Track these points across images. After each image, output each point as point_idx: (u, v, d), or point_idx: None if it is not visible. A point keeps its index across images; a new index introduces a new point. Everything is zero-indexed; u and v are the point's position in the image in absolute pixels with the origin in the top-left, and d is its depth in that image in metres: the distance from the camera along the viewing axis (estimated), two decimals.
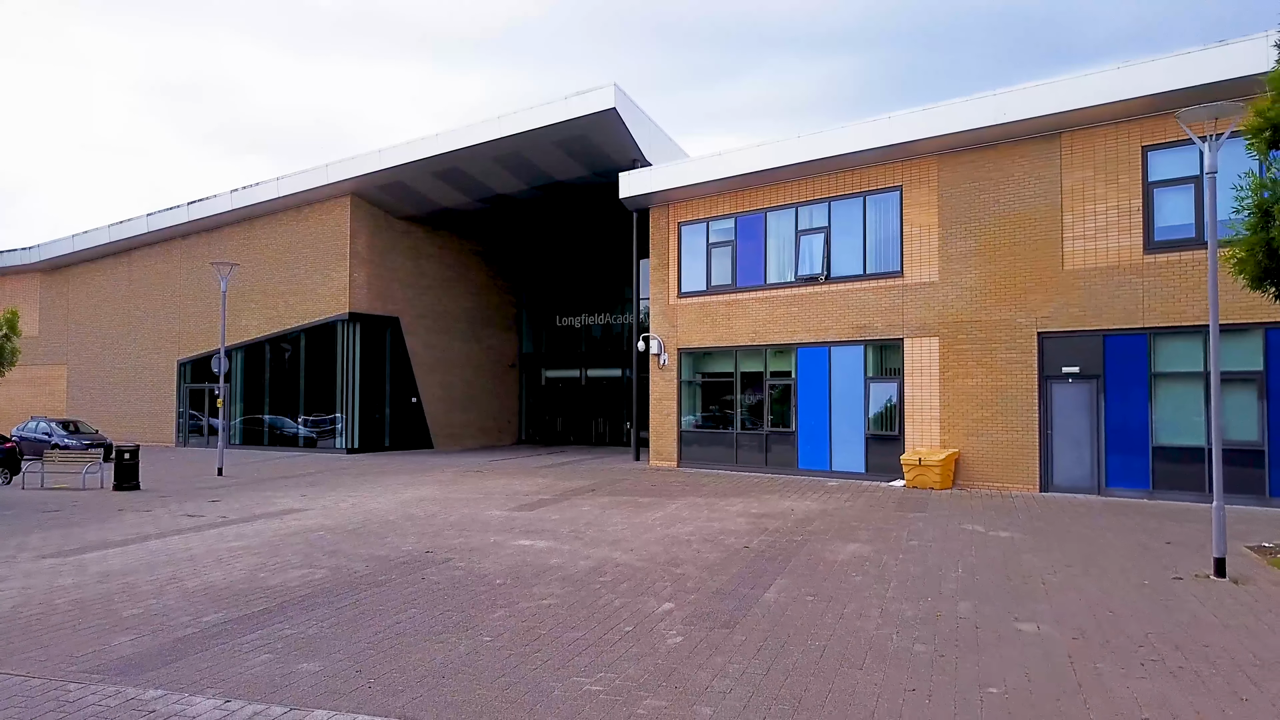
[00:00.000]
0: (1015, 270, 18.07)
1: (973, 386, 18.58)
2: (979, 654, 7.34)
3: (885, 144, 19.21)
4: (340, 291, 30.06)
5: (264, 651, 7.50)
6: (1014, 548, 12.10)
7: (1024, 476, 17.80)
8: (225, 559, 11.59)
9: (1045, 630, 8.04)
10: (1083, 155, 17.35)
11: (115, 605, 9.17)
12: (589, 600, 9.21)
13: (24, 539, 13.29)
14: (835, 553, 11.78)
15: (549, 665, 7.10)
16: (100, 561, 11.51)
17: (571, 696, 6.38)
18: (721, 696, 6.36)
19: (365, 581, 10.14)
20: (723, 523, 14.41)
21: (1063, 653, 7.36)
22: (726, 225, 23.28)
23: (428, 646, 7.60)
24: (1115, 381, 16.92)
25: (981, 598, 9.26)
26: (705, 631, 8.04)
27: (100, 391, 36.84)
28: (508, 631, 8.05)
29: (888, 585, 9.87)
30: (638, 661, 7.17)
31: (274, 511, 16.05)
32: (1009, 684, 6.61)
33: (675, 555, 11.64)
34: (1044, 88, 17.12)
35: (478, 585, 9.92)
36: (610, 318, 36.46)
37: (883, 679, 6.74)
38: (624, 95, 23.94)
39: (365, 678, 6.81)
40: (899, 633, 7.96)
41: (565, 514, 15.54)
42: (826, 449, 20.99)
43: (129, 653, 7.53)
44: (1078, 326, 17.28)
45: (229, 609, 8.95)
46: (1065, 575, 10.34)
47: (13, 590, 9.91)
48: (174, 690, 6.59)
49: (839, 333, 20.75)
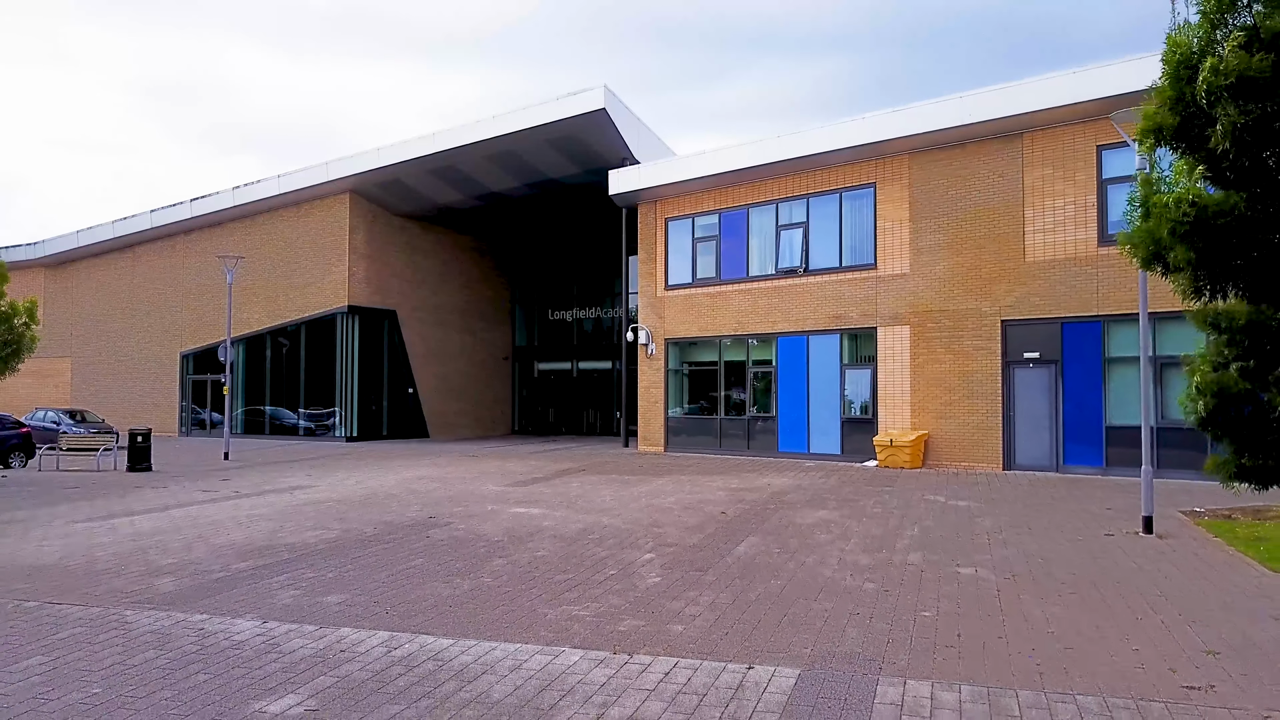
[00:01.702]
0: (980, 262, 19.20)
1: (941, 372, 19.71)
2: (920, 590, 8.41)
3: (860, 143, 20.33)
4: (340, 285, 31.05)
5: (291, 589, 8.54)
6: (969, 513, 13.20)
7: (988, 456, 18.93)
8: (244, 523, 12.62)
9: (982, 574, 9.12)
10: (1043, 154, 18.48)
11: (151, 557, 10.18)
12: (578, 553, 10.27)
13: (53, 509, 14.28)
14: (804, 518, 12.86)
15: (542, 598, 8.15)
16: (129, 525, 12.52)
17: (562, 619, 7.43)
18: (691, 619, 7.42)
19: (375, 540, 11.18)
20: (703, 495, 15.48)
21: (993, 589, 8.44)
22: (711, 221, 24.37)
23: (435, 585, 8.65)
24: (1072, 366, 18.06)
25: (931, 550, 10.34)
26: (680, 574, 9.10)
27: (104, 384, 37.73)
28: (506, 575, 9.10)
29: (848, 542, 10.95)
30: (620, 595, 8.23)
31: (283, 488, 17.06)
32: (941, 610, 7.69)
33: (657, 519, 12.70)
34: (1006, 90, 18.24)
35: (477, 542, 10.96)
36: (600, 311, 37.52)
37: (833, 607, 7.81)
38: (613, 96, 24.98)
39: (383, 607, 7.85)
40: (852, 575, 9.04)
41: (557, 489, 16.60)
42: (805, 433, 22.11)
43: (171, 590, 8.56)
44: (1038, 315, 18.42)
45: (254, 560, 9.98)
46: (1010, 534, 11.44)
47: (55, 547, 10.92)
48: (217, 615, 7.63)
49: (816, 322, 21.87)
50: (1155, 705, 5.45)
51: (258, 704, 5.55)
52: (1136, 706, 5.44)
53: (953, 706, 5.45)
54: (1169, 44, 6.87)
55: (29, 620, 7.54)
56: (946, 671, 6.08)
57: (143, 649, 6.71)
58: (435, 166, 28.98)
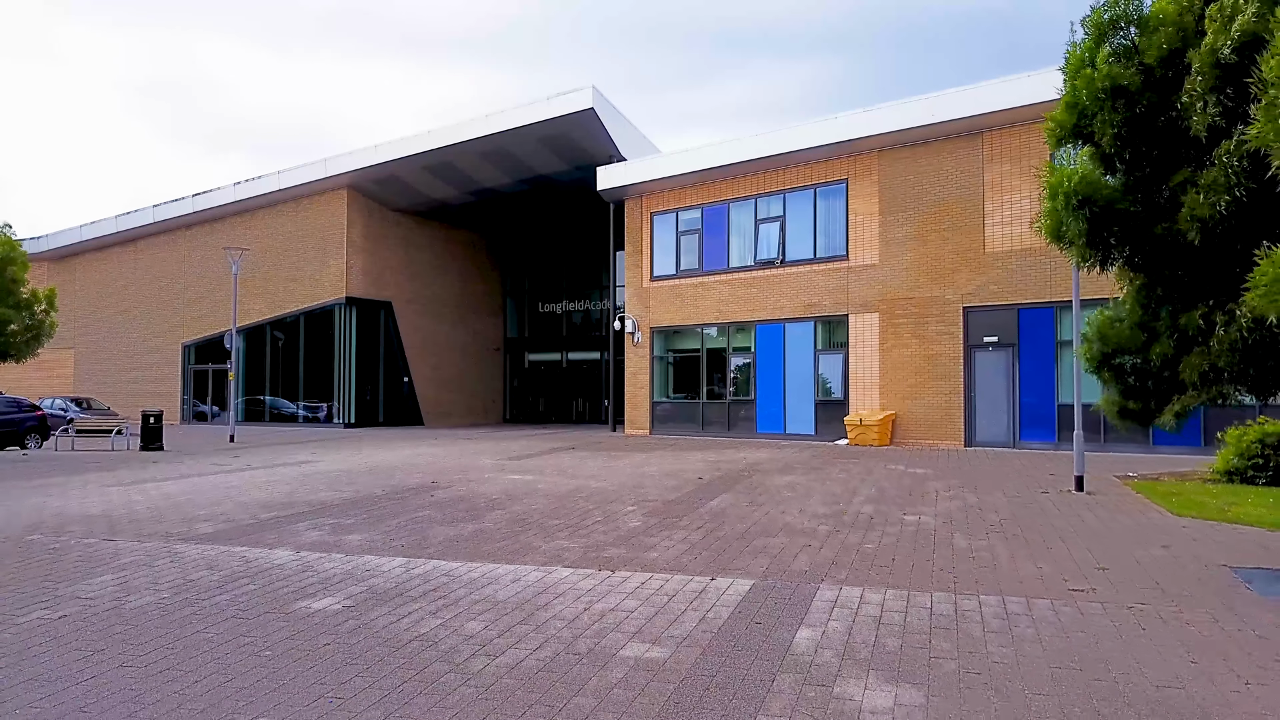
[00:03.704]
0: (944, 253, 20.52)
1: (908, 356, 21.02)
2: (867, 531, 9.66)
3: (832, 141, 21.63)
4: (338, 277, 32.17)
5: (315, 531, 9.74)
6: (923, 478, 14.49)
7: (951, 433, 20.25)
8: (263, 487, 13.80)
9: (924, 520, 10.38)
10: (1001, 151, 19.79)
11: (185, 510, 11.36)
12: (568, 506, 11.50)
13: (84, 477, 15.42)
14: (774, 481, 14.12)
15: (537, 536, 9.38)
16: (157, 489, 13.69)
17: (555, 549, 8.67)
18: (666, 549, 8.66)
19: (385, 499, 12.38)
20: (683, 466, 16.73)
21: (931, 529, 9.71)
22: (694, 215, 25.63)
23: (442, 528, 9.86)
24: (1028, 349, 19.39)
25: (882, 503, 11.61)
26: (659, 520, 10.34)
27: (106, 374, 38.74)
28: (504, 522, 10.33)
29: (810, 498, 12.21)
30: (604, 534, 9.47)
31: (291, 463, 18.22)
32: (882, 544, 8.94)
33: (641, 483, 13.95)
34: (968, 92, 19.55)
35: (477, 499, 12.18)
36: (589, 304, 38.75)
37: (789, 541, 9.06)
38: (601, 96, 26.20)
39: (398, 543, 9.06)
40: (809, 520, 10.29)
41: (549, 462, 17.83)
42: (781, 415, 23.41)
43: (209, 531, 9.75)
44: (997, 301, 19.75)
45: (278, 512, 11.17)
46: (955, 493, 12.72)
47: (95, 503, 12.08)
48: (255, 547, 8.83)
49: (792, 310, 23.17)
50: (1042, 601, 6.71)
51: (301, 604, 6.76)
52: (1027, 602, 6.69)
53: (877, 602, 6.69)
54: (1068, 56, 8.14)
55: (92, 551, 8.74)
56: (877, 582, 7.32)
57: (196, 569, 7.91)
58: (430, 163, 30.15)
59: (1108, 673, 5.12)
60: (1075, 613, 6.38)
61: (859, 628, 6.04)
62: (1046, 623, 6.13)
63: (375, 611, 6.51)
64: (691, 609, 6.55)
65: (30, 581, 7.58)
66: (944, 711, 4.55)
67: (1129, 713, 4.53)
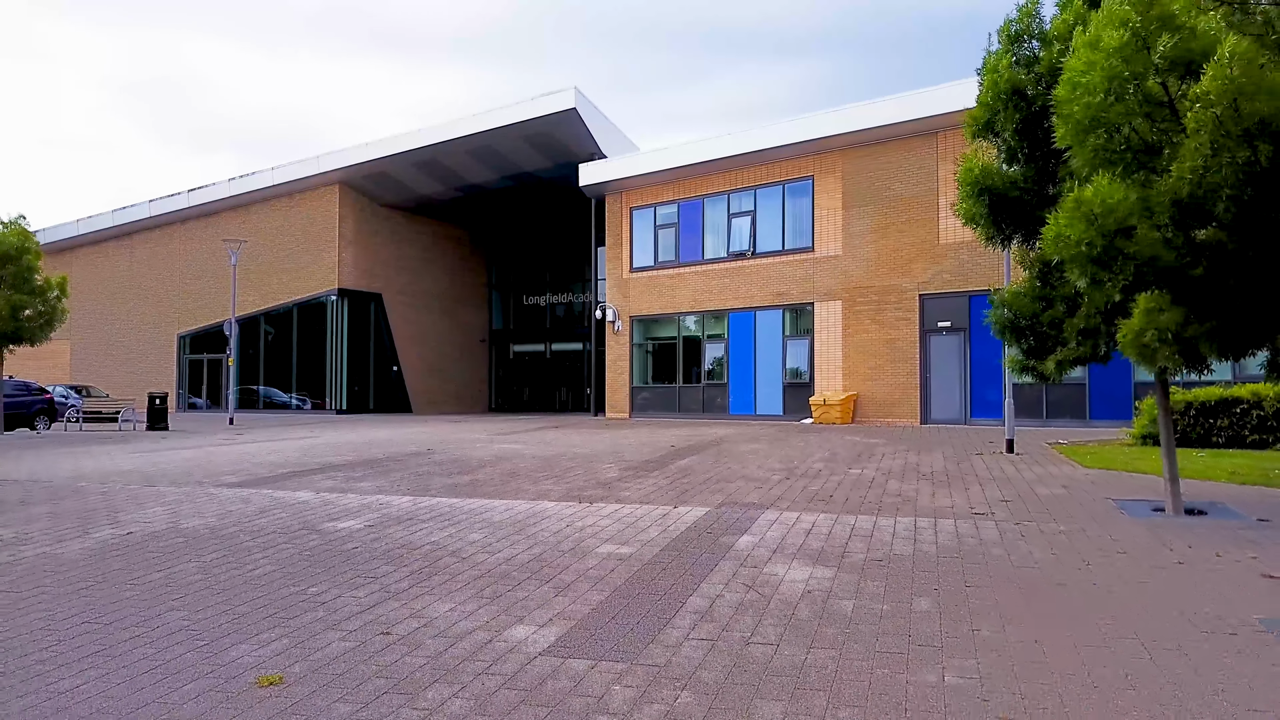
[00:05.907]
0: (902, 244, 22.03)
1: (868, 340, 22.52)
2: (816, 480, 11.09)
3: (799, 140, 23.10)
4: (330, 270, 33.39)
5: (329, 480, 11.09)
6: (873, 445, 15.95)
7: (909, 412, 21.77)
8: (274, 453, 15.10)
9: (866, 472, 11.82)
10: (955, 149, 21.26)
11: (208, 469, 12.67)
12: (553, 465, 12.88)
13: (104, 448, 16.66)
14: (739, 448, 15.55)
15: (525, 483, 10.76)
16: (177, 454, 14.97)
17: (541, 491, 10.06)
18: (638, 490, 10.07)
19: (386, 460, 13.72)
20: (659, 438, 18.13)
21: (869, 479, 11.14)
22: (671, 210, 27.06)
23: (441, 479, 11.23)
24: (978, 333, 20.89)
25: (833, 462, 13.05)
26: (633, 473, 11.75)
27: (102, 365, 39.77)
28: (496, 474, 11.70)
29: (769, 458, 13.64)
30: (585, 481, 10.87)
31: (294, 438, 19.48)
32: (824, 488, 10.37)
33: (619, 450, 15.35)
34: (923, 94, 21.05)
35: (470, 461, 13.54)
36: (572, 297, 40.11)
37: (744, 485, 10.48)
38: (583, 97, 27.56)
39: (403, 489, 10.42)
40: (765, 472, 11.72)
41: (535, 436, 19.19)
42: (752, 397, 24.88)
43: (236, 481, 11.08)
44: (950, 289, 21.27)
45: (292, 469, 12.50)
46: (900, 455, 14.18)
47: (126, 464, 13.37)
48: (280, 490, 10.18)
49: (762, 299, 24.64)
50: (947, 521, 8.14)
51: (329, 525, 8.12)
52: (935, 521, 8.12)
53: (810, 521, 8.12)
54: (985, 61, 9.60)
55: (137, 492, 10.07)
56: (815, 510, 8.75)
57: (233, 504, 9.26)
58: (419, 160, 31.42)
59: (982, 560, 6.57)
60: (971, 527, 7.84)
61: (792, 536, 7.48)
62: (946, 533, 7.59)
63: (392, 529, 7.89)
64: (655, 525, 7.96)
65: (91, 511, 8.92)
66: (846, 582, 5.98)
67: (988, 580, 5.98)
